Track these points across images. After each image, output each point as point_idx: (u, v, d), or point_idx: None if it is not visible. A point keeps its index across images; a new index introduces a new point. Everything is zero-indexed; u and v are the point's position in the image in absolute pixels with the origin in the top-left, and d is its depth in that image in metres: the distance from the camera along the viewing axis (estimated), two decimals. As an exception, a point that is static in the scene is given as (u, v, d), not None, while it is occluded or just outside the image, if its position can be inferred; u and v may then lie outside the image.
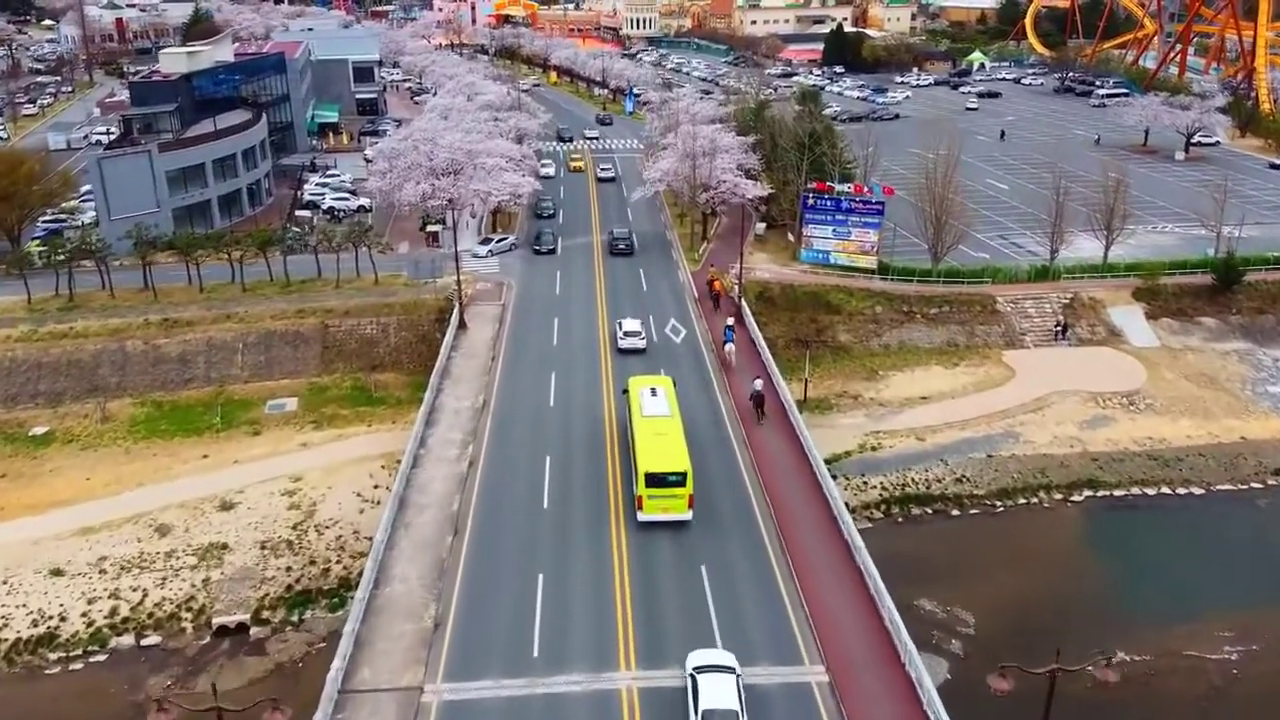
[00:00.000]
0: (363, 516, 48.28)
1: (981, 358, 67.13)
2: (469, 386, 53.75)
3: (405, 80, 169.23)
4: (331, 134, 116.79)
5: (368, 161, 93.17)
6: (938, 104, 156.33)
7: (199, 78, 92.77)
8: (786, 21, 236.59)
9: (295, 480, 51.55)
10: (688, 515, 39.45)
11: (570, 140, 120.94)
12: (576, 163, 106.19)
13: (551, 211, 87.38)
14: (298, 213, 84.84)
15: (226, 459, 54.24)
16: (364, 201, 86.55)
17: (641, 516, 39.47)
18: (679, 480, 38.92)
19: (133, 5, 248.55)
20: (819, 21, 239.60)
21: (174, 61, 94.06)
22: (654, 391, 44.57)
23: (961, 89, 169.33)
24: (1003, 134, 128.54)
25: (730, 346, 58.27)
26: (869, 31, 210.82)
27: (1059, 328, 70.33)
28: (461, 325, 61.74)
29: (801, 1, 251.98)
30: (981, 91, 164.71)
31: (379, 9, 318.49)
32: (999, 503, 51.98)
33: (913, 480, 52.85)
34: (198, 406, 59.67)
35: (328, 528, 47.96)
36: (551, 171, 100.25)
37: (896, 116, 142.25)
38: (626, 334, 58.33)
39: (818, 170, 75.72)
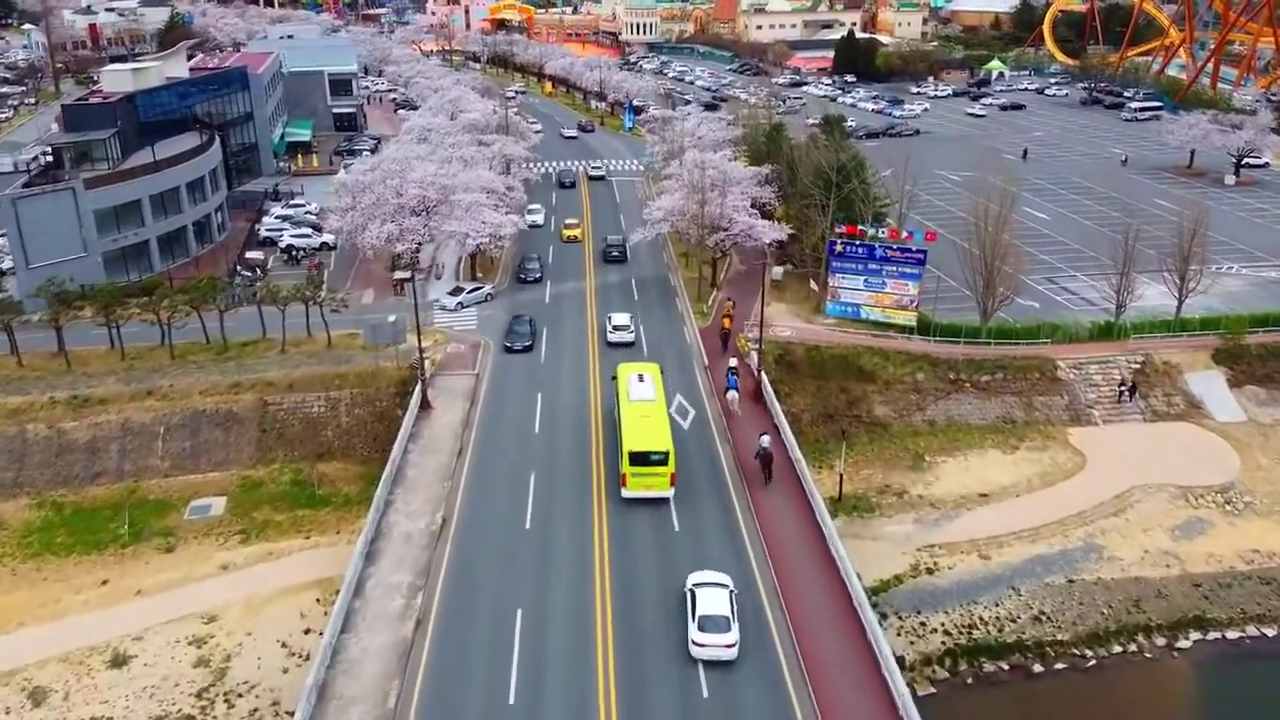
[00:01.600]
0: (286, 678, 37.89)
1: (1044, 438, 56.71)
2: (425, 496, 43.33)
3: (391, 90, 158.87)
4: (301, 155, 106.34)
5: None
6: (958, 117, 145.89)
7: (145, 98, 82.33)
8: (793, 27, 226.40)
9: (208, 621, 41.17)
10: (669, 493, 41.80)
11: (572, 185, 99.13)
12: (572, 230, 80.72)
13: (538, 275, 71.06)
14: (248, 254, 74.35)
15: (129, 587, 43.84)
16: (328, 238, 76.21)
17: (625, 493, 41.80)
18: (662, 459, 41.31)
19: (111, 9, 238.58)
20: (827, 26, 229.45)
21: (117, 80, 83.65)
22: (641, 378, 46.90)
23: (982, 100, 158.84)
24: (1025, 153, 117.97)
25: (733, 394, 51.48)
26: (881, 38, 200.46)
27: (1125, 388, 60.09)
28: (424, 405, 51.36)
29: (808, 6, 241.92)
30: (1004, 104, 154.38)
31: (370, 13, 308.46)
32: (1089, 651, 41.49)
33: (981, 620, 42.42)
34: (105, 509, 49.25)
35: (241, 695, 37.53)
36: (540, 220, 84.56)
37: (917, 132, 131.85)
38: (616, 328, 60.01)
39: (845, 208, 65.28)
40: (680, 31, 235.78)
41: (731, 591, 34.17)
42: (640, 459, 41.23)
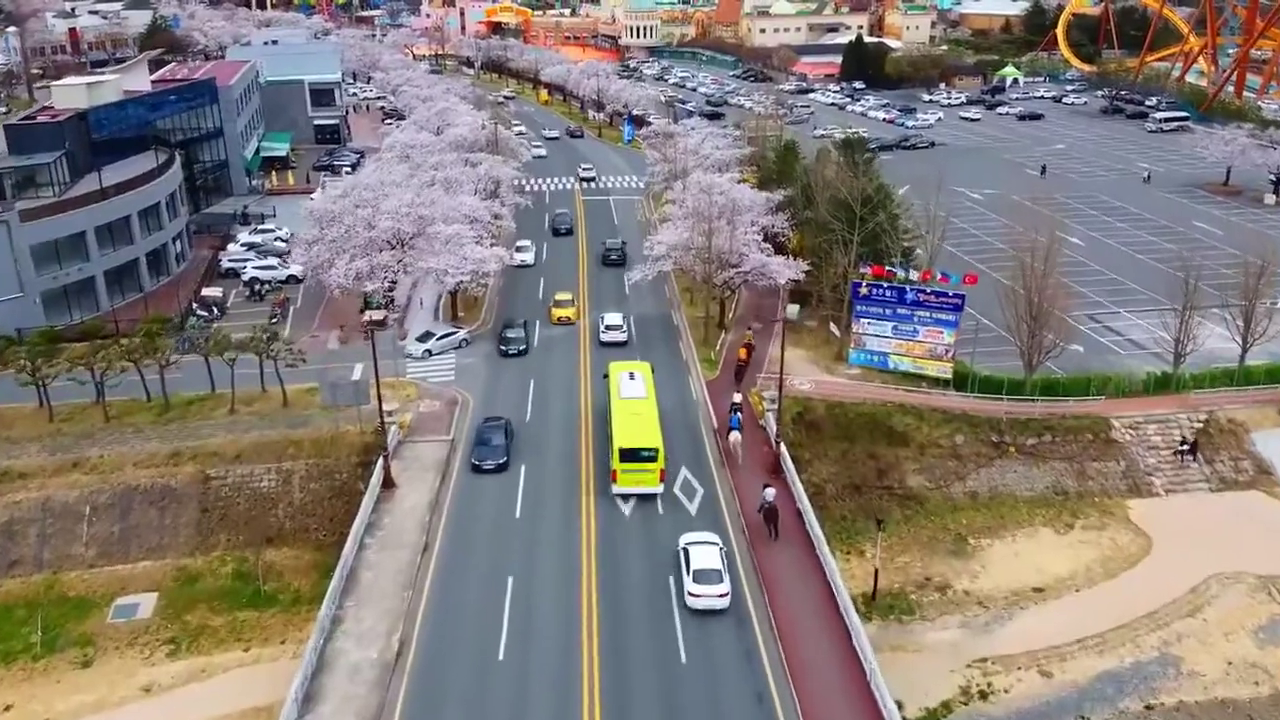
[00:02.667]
0: None
1: (1101, 513, 49.64)
2: (381, 610, 36.20)
3: (380, 98, 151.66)
4: (274, 172, 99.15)
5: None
6: (975, 126, 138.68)
7: (99, 115, 75.25)
8: (798, 30, 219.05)
9: (118, 767, 34.17)
10: (659, 488, 42.60)
11: (569, 232, 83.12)
12: (563, 310, 62.88)
13: (523, 347, 58.58)
14: (204, 290, 67.17)
15: (34, 716, 36.78)
16: (296, 270, 69.07)
17: (616, 489, 42.56)
18: (651, 455, 42.04)
19: (95, 12, 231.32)
20: (833, 30, 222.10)
21: (70, 95, 76.53)
22: (632, 375, 47.91)
23: (998, 109, 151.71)
24: (1044, 169, 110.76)
25: (736, 435, 46.79)
26: (890, 42, 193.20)
27: (1185, 447, 53.16)
28: (387, 483, 44.26)
29: (813, 8, 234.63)
30: (1021, 113, 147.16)
31: (364, 14, 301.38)
32: (1182, 806, 34.52)
33: (1050, 765, 35.38)
34: (19, 608, 42.23)
35: None
36: (530, 259, 74.90)
37: (932, 144, 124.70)
38: (609, 328, 59.51)
39: (869, 243, 58.15)
40: (681, 35, 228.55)
41: (721, 548, 37.51)
42: (630, 455, 42.04)
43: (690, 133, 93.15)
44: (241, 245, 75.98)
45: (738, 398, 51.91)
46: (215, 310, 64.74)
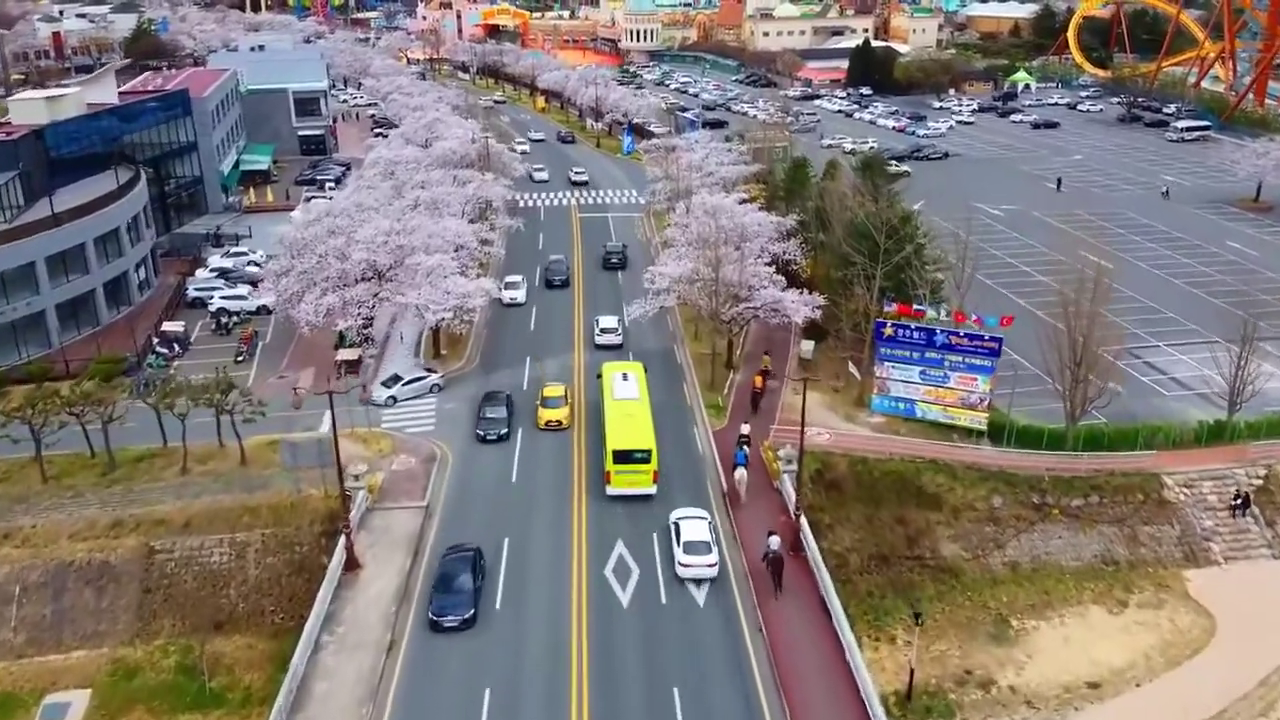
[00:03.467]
0: None
1: (1156, 586, 44.27)
2: (340, 732, 30.86)
3: (370, 105, 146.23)
4: (252, 188, 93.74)
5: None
6: (990, 135, 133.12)
7: (58, 131, 69.93)
8: (802, 34, 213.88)
9: None
10: (652, 489, 42.53)
11: (565, 285, 69.85)
12: (553, 412, 49.75)
13: (504, 430, 48.52)
14: (165, 326, 61.72)
15: None
16: (267, 300, 63.55)
17: (610, 490, 42.56)
18: (644, 457, 42.22)
19: (82, 15, 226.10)
20: (837, 33, 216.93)
21: (27, 110, 71.28)
22: (625, 376, 47.88)
23: (1012, 117, 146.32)
24: (1060, 183, 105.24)
25: (741, 473, 43.83)
26: (897, 46, 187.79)
27: (1238, 501, 47.85)
28: (350, 564, 38.84)
29: (817, 11, 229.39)
30: (1036, 121, 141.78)
31: (359, 17, 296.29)
32: None
33: None
34: (-71, 708, 36.90)
35: None
36: (521, 297, 66.33)
37: (946, 155, 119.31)
38: (603, 330, 59.13)
39: (892, 276, 52.59)
40: (683, 38, 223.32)
41: (710, 522, 39.81)
42: (624, 457, 42.26)
43: (694, 146, 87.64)
44: (210, 271, 70.51)
45: (746, 429, 47.54)
46: (176, 347, 59.36)
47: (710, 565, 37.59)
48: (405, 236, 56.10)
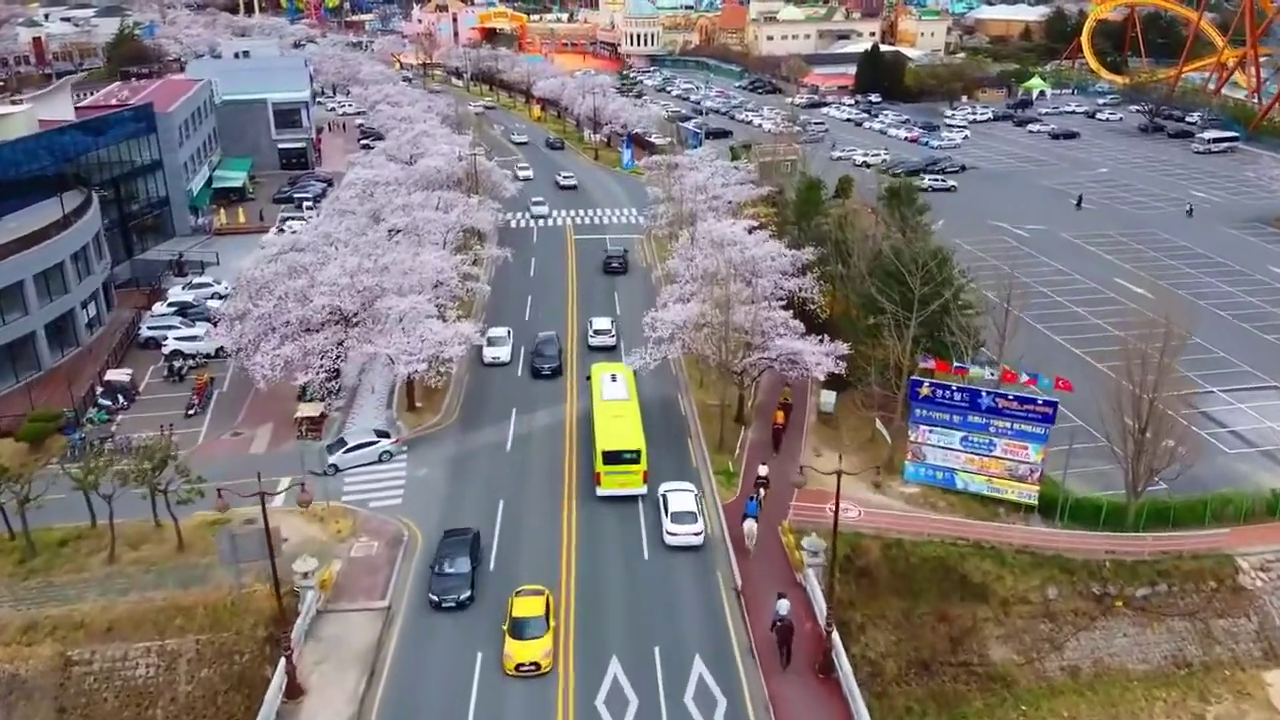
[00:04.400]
0: None
1: (1236, 694, 38.24)
2: None
3: (359, 113, 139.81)
4: (223, 209, 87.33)
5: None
6: (1007, 146, 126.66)
7: (4, 152, 63.59)
8: (807, 37, 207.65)
9: None
10: (643, 489, 42.47)
11: (554, 374, 55.53)
12: (526, 651, 33.19)
13: (468, 594, 36.60)
14: (110, 374, 55.35)
15: None
16: (227, 341, 57.25)
17: (600, 491, 42.51)
18: (634, 457, 42.18)
19: (67, 19, 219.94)
20: (843, 37, 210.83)
21: (-31, 127, 65.17)
22: (614, 378, 47.72)
23: (1030, 126, 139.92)
24: (1080, 200, 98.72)
25: (751, 525, 40.17)
26: (907, 51, 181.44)
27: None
28: (291, 689, 32.46)
29: (822, 15, 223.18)
30: (1055, 131, 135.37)
31: (354, 20, 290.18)
32: None
33: None
34: None
35: None
36: (505, 356, 57.07)
37: (963, 168, 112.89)
38: (597, 332, 58.92)
39: (927, 323, 46.21)
40: (684, 42, 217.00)
41: (696, 495, 41.32)
42: (613, 458, 42.19)
43: (697, 164, 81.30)
44: (168, 306, 64.20)
45: (764, 470, 43.96)
46: (121, 399, 53.06)
47: (696, 534, 39.61)
48: (375, 276, 49.74)
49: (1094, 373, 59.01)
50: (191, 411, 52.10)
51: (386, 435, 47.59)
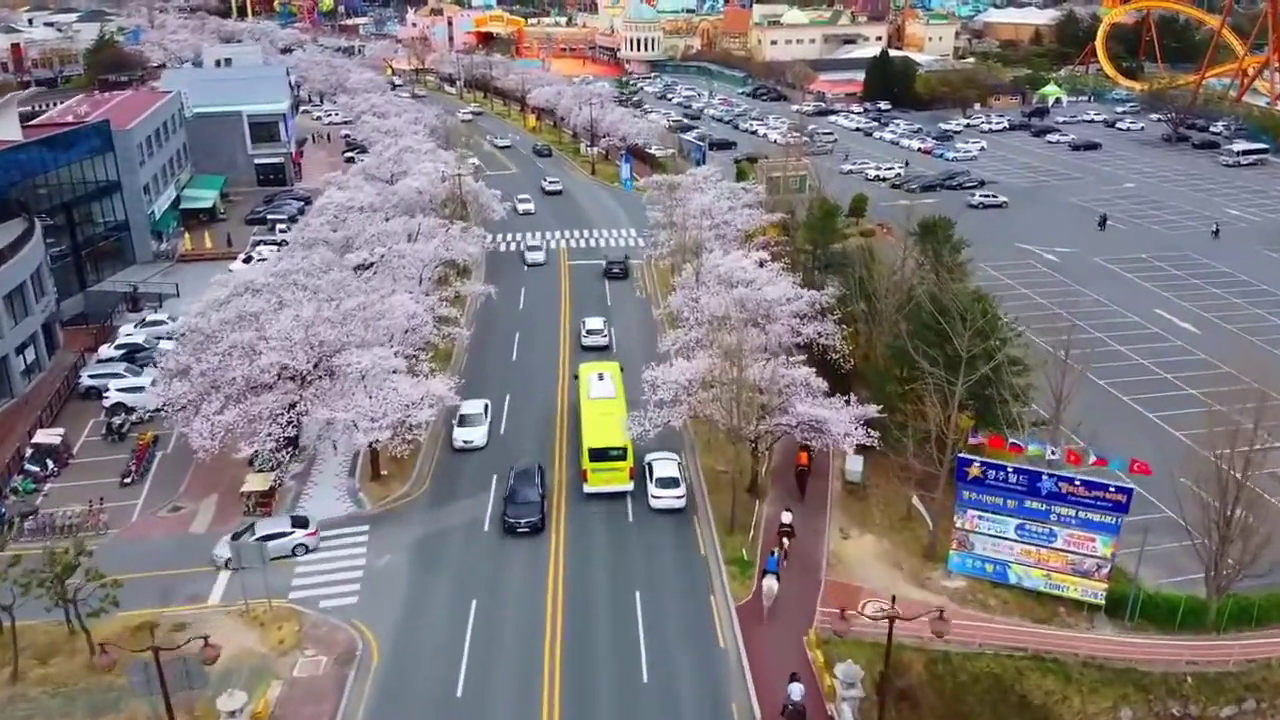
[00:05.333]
0: None
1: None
2: None
3: (346, 123, 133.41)
4: (188, 233, 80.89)
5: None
6: (1025, 158, 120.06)
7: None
8: (812, 42, 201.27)
9: None
10: (629, 486, 42.63)
11: (536, 529, 41.03)
12: None
13: None
14: (40, 435, 48.86)
15: None
16: (160, 402, 50.58)
17: (587, 489, 42.66)
18: (620, 454, 42.21)
19: (50, 24, 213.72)
20: (849, 42, 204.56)
21: (-104, 149, 58.91)
22: (601, 376, 47.69)
23: (1048, 137, 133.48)
24: (1104, 220, 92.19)
25: (772, 583, 35.83)
26: (916, 57, 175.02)
27: None
28: None
29: (827, 19, 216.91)
30: (1075, 142, 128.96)
31: (348, 23, 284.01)
32: None
33: None
34: None
35: None
36: (479, 439, 47.74)
37: (981, 183, 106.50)
38: (590, 332, 59.28)
39: (971, 382, 39.78)
40: (686, 47, 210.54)
41: (679, 462, 43.79)
42: (599, 455, 42.24)
43: (701, 185, 74.94)
44: (115, 348, 57.82)
45: (788, 518, 39.64)
46: (51, 464, 46.66)
47: (678, 497, 41.67)
48: (335, 327, 43.34)
49: (1148, 427, 52.85)
50: (128, 480, 45.72)
51: (304, 524, 40.42)
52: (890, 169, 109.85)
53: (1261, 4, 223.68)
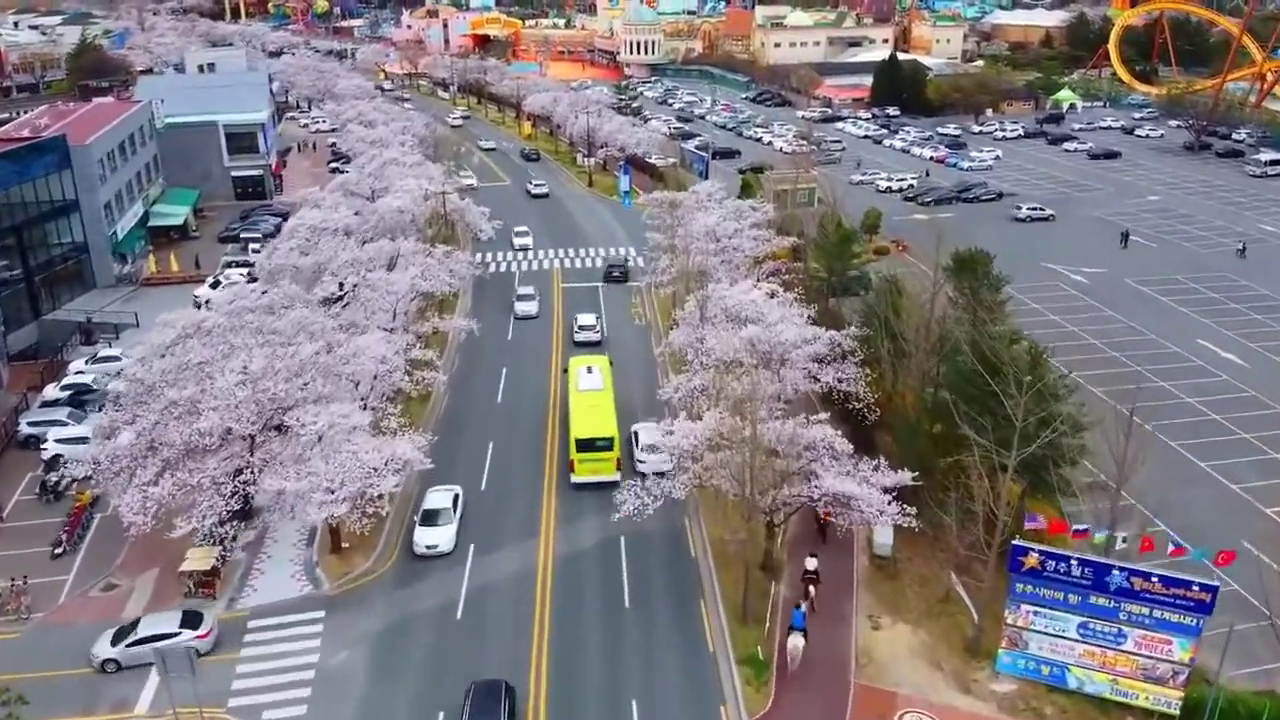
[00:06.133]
0: None
1: None
2: None
3: (332, 131, 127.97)
4: (154, 253, 75.41)
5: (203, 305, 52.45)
6: (1044, 168, 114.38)
7: None
8: (816, 44, 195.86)
9: None
10: (616, 476, 43.06)
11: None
12: None
13: None
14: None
15: None
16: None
17: (574, 479, 43.81)
18: (606, 445, 43.75)
19: (35, 27, 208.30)
20: (854, 44, 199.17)
21: None
22: (590, 369, 49.29)
23: (1065, 145, 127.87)
24: (1126, 236, 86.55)
25: (798, 642, 32.62)
26: (924, 60, 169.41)
27: None
28: None
29: (832, 21, 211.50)
30: (1095, 150, 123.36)
31: (342, 25, 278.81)
32: None
33: None
34: None
35: None
36: (445, 544, 39.69)
37: (1000, 195, 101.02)
38: (582, 328, 60.44)
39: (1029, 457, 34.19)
40: (687, 50, 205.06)
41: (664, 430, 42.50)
42: (586, 445, 43.53)
43: (705, 201, 69.48)
44: (60, 389, 52.38)
45: (813, 564, 36.86)
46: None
47: (664, 461, 40.39)
48: (288, 381, 37.84)
49: (1200, 477, 47.33)
50: (60, 550, 40.30)
51: (195, 623, 34.40)
52: (903, 180, 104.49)
53: (1271, 5, 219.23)
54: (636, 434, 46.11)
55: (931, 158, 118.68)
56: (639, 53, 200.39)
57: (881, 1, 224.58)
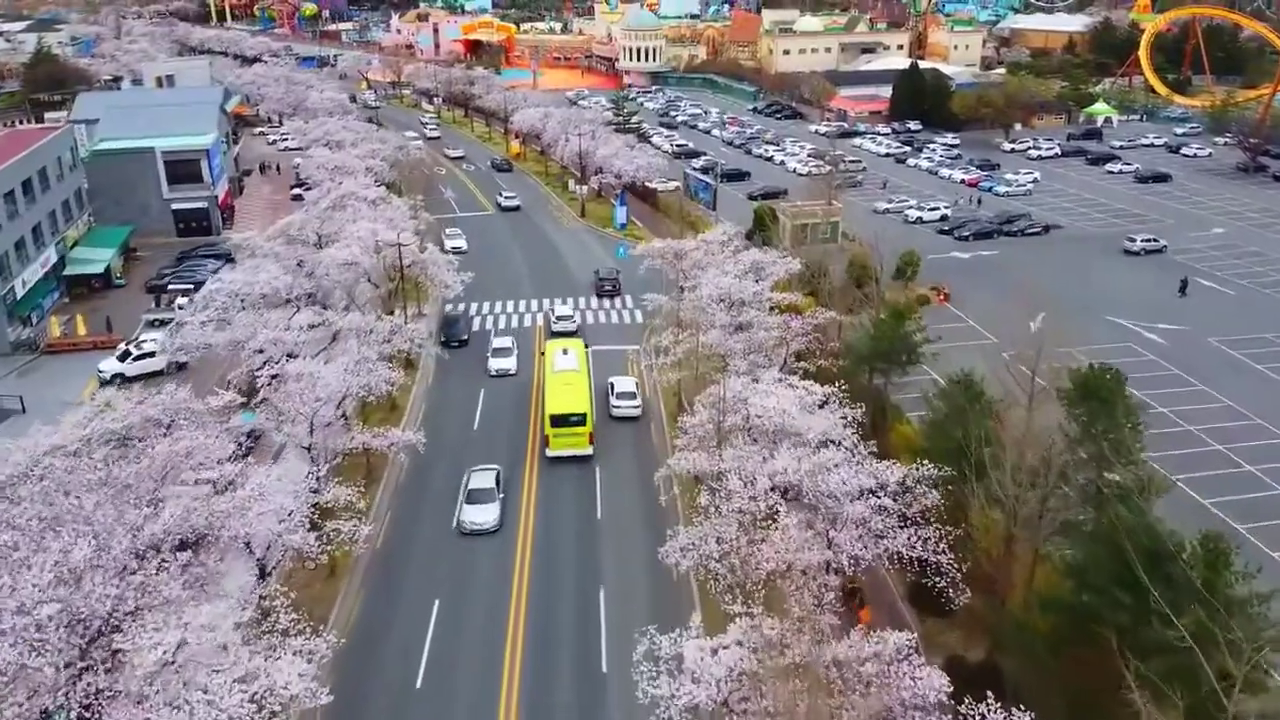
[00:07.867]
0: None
1: None
2: None
3: (299, 150, 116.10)
4: (53, 317, 63.36)
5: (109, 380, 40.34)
6: (1087, 193, 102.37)
7: None
8: (827, 51, 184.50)
9: None
10: (589, 450, 45.78)
11: None
12: None
13: None
14: None
15: None
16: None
17: (549, 452, 45.68)
18: (580, 420, 45.48)
19: (1, 33, 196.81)
20: (868, 51, 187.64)
21: None
22: (565, 351, 51.03)
23: (1108, 166, 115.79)
24: (1184, 285, 74.10)
25: None
26: (942, 68, 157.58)
27: None
28: None
29: (844, 25, 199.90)
30: (1142, 173, 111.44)
31: (330, 29, 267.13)
32: None
33: None
34: None
35: None
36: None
37: (1046, 229, 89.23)
38: (560, 318, 62.58)
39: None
40: (690, 56, 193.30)
41: (636, 381, 52.08)
42: (560, 421, 45.25)
43: (716, 255, 57.73)
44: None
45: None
46: None
47: (635, 407, 49.93)
48: (124, 581, 25.99)
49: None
50: None
51: None
52: (934, 209, 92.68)
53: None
54: (612, 384, 51.53)
55: (962, 180, 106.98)
56: (639, 59, 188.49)
57: (894, 5, 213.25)
